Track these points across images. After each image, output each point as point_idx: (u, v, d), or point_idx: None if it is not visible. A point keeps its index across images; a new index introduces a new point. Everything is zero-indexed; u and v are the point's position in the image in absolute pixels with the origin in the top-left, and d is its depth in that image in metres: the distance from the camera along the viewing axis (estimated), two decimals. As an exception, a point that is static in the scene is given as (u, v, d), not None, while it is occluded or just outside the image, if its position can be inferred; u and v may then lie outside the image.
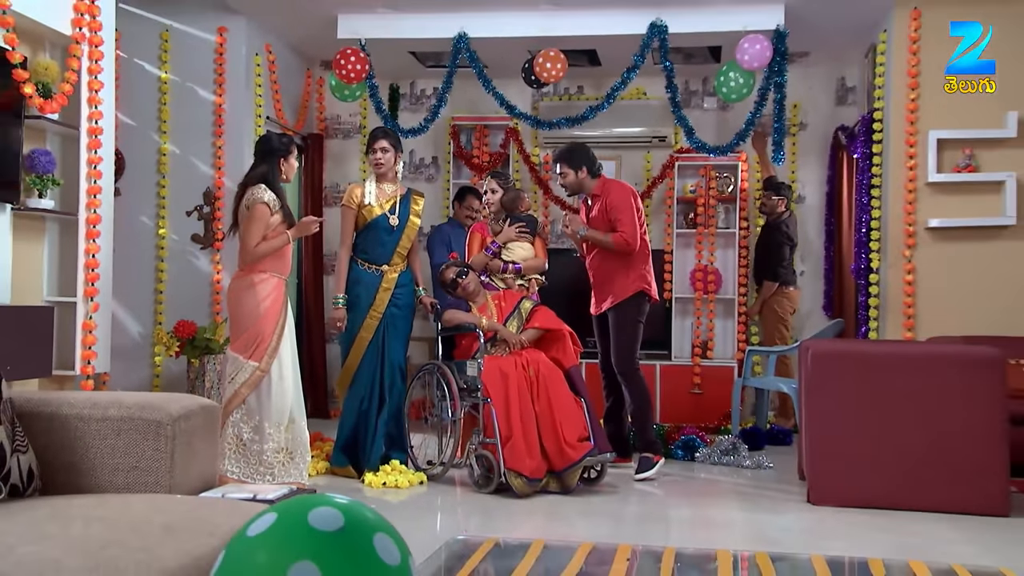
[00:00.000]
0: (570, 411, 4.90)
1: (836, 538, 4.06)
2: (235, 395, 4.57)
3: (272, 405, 4.58)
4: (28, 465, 2.02)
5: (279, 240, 4.68)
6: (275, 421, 4.59)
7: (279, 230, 4.68)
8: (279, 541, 1.13)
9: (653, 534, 4.21)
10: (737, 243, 7.65)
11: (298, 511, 1.16)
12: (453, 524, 4.36)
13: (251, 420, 4.57)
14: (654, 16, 6.42)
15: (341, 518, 1.15)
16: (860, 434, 4.57)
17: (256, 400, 4.58)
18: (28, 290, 5.13)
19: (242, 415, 4.58)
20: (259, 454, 4.55)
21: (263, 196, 4.63)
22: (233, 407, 4.57)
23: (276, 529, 1.15)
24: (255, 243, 4.61)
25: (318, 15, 6.84)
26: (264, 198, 4.62)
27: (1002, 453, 4.45)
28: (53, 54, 5.14)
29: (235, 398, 4.57)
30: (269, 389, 4.59)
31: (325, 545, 1.12)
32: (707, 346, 7.60)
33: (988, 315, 6.23)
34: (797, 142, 7.75)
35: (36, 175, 4.98)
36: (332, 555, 1.11)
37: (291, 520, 1.15)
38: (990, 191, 6.34)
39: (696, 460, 5.85)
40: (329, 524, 1.14)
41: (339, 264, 5.26)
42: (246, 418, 4.58)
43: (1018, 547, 3.93)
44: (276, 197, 4.68)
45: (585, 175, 5.48)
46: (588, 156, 5.53)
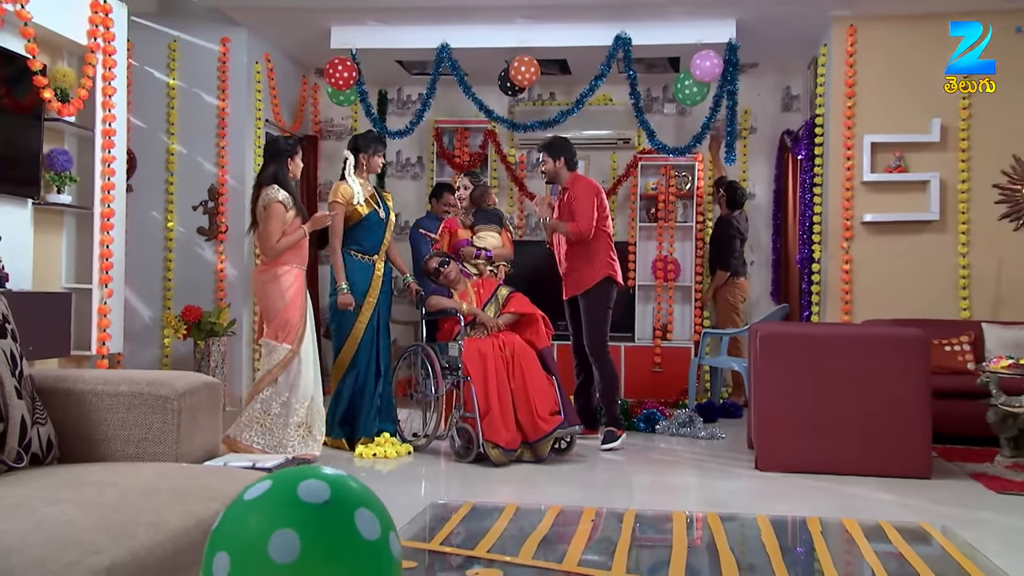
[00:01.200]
0: (542, 388, 4.92)
1: (780, 500, 4.09)
2: (268, 374, 4.56)
3: (300, 383, 4.59)
4: (47, 436, 2.02)
5: (297, 235, 4.66)
6: (300, 398, 4.59)
7: (295, 225, 4.66)
8: (268, 508, 1.13)
9: (617, 498, 4.22)
10: (694, 236, 7.70)
11: (290, 482, 1.16)
12: (436, 490, 4.37)
13: (280, 397, 4.56)
14: (619, 29, 6.43)
15: (328, 492, 1.15)
16: (803, 407, 4.61)
17: (286, 379, 4.57)
18: (48, 278, 5.13)
19: (272, 392, 4.55)
20: (283, 427, 4.54)
21: (278, 195, 4.60)
22: (264, 385, 4.56)
23: (267, 497, 1.15)
24: (276, 239, 4.57)
25: (313, 27, 6.83)
26: (279, 197, 4.59)
27: (926, 423, 4.52)
28: (70, 62, 5.12)
29: (267, 377, 4.55)
30: (298, 369, 4.59)
31: (309, 515, 1.11)
32: (667, 329, 7.64)
33: (915, 300, 6.30)
34: (747, 144, 7.78)
35: (55, 173, 4.97)
36: (313, 525, 1.11)
37: (282, 489, 1.15)
38: (917, 189, 6.41)
39: (656, 432, 5.86)
40: (316, 497, 1.13)
41: (336, 256, 5.17)
42: (275, 395, 4.56)
43: (938, 505, 3.99)
44: (289, 195, 4.67)
45: (562, 165, 5.46)
46: (567, 149, 5.51)
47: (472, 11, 6.43)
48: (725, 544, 2.12)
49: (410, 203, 8.14)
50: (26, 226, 4.84)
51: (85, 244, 5.25)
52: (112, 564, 1.38)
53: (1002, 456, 4.89)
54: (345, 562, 1.11)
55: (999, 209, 6.35)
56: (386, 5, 6.40)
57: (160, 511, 1.61)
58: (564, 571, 1.74)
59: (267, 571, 1.07)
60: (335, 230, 5.13)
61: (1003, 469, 4.74)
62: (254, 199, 4.71)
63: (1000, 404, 4.83)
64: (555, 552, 1.86)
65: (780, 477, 4.52)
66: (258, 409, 4.55)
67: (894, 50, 6.45)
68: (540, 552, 1.85)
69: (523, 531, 2.02)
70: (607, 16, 6.40)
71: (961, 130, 6.36)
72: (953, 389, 5.26)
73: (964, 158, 6.36)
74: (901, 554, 2.17)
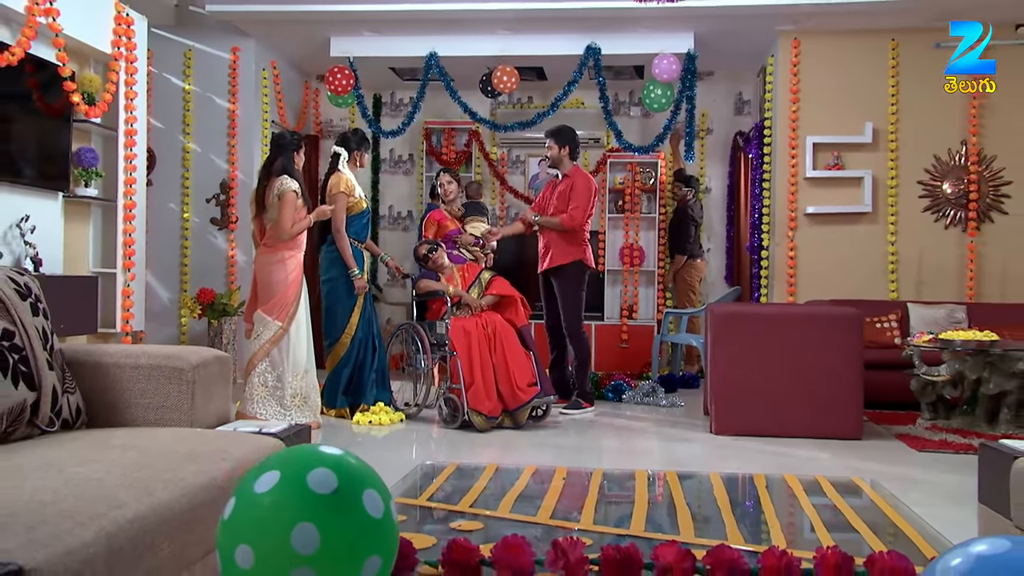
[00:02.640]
0: (521, 362, 4.94)
1: (731, 459, 4.12)
2: (260, 349, 4.53)
3: (291, 358, 4.56)
4: (76, 404, 2.02)
5: (305, 223, 4.62)
6: (292, 371, 4.56)
7: (302, 213, 4.63)
8: (284, 502, 1.11)
9: (586, 459, 4.22)
10: (656, 225, 7.72)
11: (299, 472, 1.13)
12: (425, 452, 4.38)
13: (275, 370, 4.54)
14: (590, 40, 6.44)
15: (335, 480, 1.13)
16: (752, 378, 4.64)
17: (279, 354, 4.54)
18: (77, 263, 5.12)
19: (267, 366, 4.53)
20: (280, 399, 4.53)
21: (292, 185, 4.55)
22: (258, 359, 4.52)
23: (280, 489, 1.13)
24: (290, 225, 4.53)
25: (314, 37, 6.80)
26: (293, 187, 4.54)
27: (858, 391, 4.58)
28: (96, 69, 5.10)
29: (260, 352, 4.53)
30: (288, 345, 4.55)
31: (323, 507, 1.11)
32: (632, 309, 7.67)
33: (850, 283, 6.37)
34: (704, 144, 7.81)
35: (82, 168, 4.95)
36: (329, 515, 1.10)
37: (293, 481, 1.12)
38: (852, 185, 6.47)
39: (623, 401, 5.89)
40: (326, 487, 1.12)
41: (346, 244, 5.07)
42: (270, 369, 4.53)
43: (867, 462, 4.05)
44: (299, 185, 4.64)
45: (566, 153, 5.41)
46: (573, 139, 5.44)
47: (457, 23, 6.41)
48: (682, 499, 2.15)
49: (402, 196, 8.14)
50: (57, 216, 4.84)
51: (110, 233, 5.25)
52: (134, 516, 1.39)
53: (922, 419, 4.98)
54: (359, 543, 1.12)
55: (922, 203, 6.42)
56: (380, 18, 6.37)
57: (176, 470, 1.62)
58: (538, 523, 1.76)
59: (293, 562, 1.07)
60: (341, 219, 5.08)
61: (923, 430, 4.83)
62: (264, 187, 4.63)
63: (921, 374, 4.91)
64: (530, 507, 1.88)
65: (732, 440, 4.56)
66: (256, 383, 4.52)
67: (832, 61, 6.48)
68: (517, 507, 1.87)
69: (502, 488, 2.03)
70: (579, 28, 6.39)
71: (890, 133, 6.41)
72: (882, 361, 5.33)
73: (893, 157, 6.42)
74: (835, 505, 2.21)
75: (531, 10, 6.14)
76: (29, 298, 1.95)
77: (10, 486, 1.40)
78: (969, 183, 6.32)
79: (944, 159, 6.38)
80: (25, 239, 4.52)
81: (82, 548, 1.23)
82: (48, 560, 1.16)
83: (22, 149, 4.55)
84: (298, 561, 1.07)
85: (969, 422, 4.82)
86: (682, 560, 1.31)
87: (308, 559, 1.07)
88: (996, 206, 6.34)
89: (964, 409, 4.89)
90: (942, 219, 6.39)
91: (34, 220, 4.57)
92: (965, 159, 6.35)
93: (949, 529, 2.37)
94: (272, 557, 1.08)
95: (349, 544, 1.10)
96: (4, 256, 4.39)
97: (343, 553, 1.09)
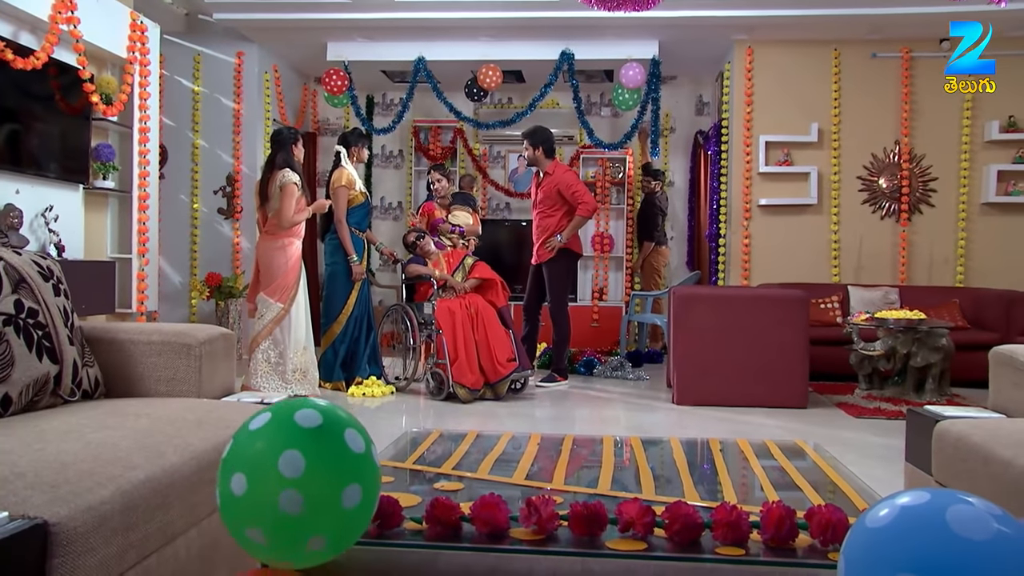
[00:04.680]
0: (501, 339, 4.95)
1: (690, 427, 4.16)
2: (264, 329, 4.50)
3: (292, 336, 4.54)
4: (95, 376, 2.01)
5: (304, 214, 4.59)
6: (294, 348, 4.54)
7: (302, 204, 4.60)
8: (273, 434, 1.13)
9: (560, 427, 4.26)
10: (625, 216, 7.74)
11: (287, 411, 1.16)
12: (413, 421, 4.38)
13: (277, 348, 4.51)
14: (564, 46, 6.43)
15: (320, 417, 1.15)
16: (710, 353, 4.67)
17: (281, 333, 4.52)
18: (96, 249, 5.09)
19: (270, 344, 4.50)
20: (283, 374, 4.50)
21: (293, 178, 4.51)
22: (263, 338, 4.50)
23: (271, 425, 1.15)
24: (291, 214, 4.50)
25: (312, 43, 6.74)
26: (295, 179, 4.50)
27: (804, 364, 4.63)
28: (113, 72, 5.06)
29: (264, 332, 4.50)
30: (289, 324, 4.53)
31: (308, 437, 1.12)
32: (603, 292, 7.70)
33: (798, 268, 6.43)
34: (668, 142, 7.82)
35: (101, 163, 4.92)
36: (313, 445, 1.12)
37: (282, 418, 1.15)
38: (800, 179, 6.52)
39: (594, 375, 5.92)
40: (311, 422, 1.14)
41: (346, 234, 5.02)
42: (273, 346, 4.51)
43: (811, 427, 4.11)
44: (299, 178, 4.59)
45: (541, 153, 5.29)
46: (546, 138, 5.31)
47: (443, 30, 6.37)
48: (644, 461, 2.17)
49: (393, 188, 8.10)
50: (78, 206, 4.82)
51: (126, 221, 5.22)
52: (147, 477, 1.40)
53: (859, 389, 5.06)
54: (340, 472, 1.13)
55: (861, 196, 6.49)
56: (373, 25, 6.32)
57: (185, 436, 1.62)
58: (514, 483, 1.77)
59: (280, 484, 1.09)
60: (343, 210, 5.04)
61: (860, 399, 4.90)
62: (267, 180, 4.59)
63: (859, 349, 4.98)
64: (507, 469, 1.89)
65: (691, 409, 4.60)
66: (260, 360, 4.50)
67: (782, 68, 6.51)
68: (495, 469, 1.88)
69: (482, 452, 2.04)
70: (554, 35, 6.38)
71: (833, 133, 6.46)
72: (825, 338, 5.39)
73: (835, 155, 6.47)
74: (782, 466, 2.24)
75: (510, 19, 6.11)
76: (51, 280, 1.94)
77: (35, 449, 1.40)
78: (902, 179, 6.39)
79: (880, 157, 6.44)
80: (49, 227, 4.53)
81: (100, 505, 1.24)
82: (70, 515, 1.17)
83: (46, 145, 4.52)
84: (285, 484, 1.08)
85: (899, 391, 4.90)
86: (643, 515, 1.33)
87: (294, 482, 1.08)
88: (924, 199, 6.42)
89: (895, 380, 4.96)
90: (878, 211, 6.46)
91: (57, 210, 4.58)
92: (898, 157, 6.41)
93: (880, 485, 2.41)
94: (261, 481, 1.10)
95: (331, 471, 1.12)
96: (31, 242, 4.37)
97: (325, 479, 1.11)
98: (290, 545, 1.11)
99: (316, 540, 1.11)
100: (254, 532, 1.11)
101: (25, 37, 4.32)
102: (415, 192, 7.98)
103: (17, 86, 4.21)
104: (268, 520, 1.09)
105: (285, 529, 1.09)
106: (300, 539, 1.10)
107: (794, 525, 1.32)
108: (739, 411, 4.51)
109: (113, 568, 1.26)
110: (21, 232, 4.29)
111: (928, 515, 0.89)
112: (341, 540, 1.16)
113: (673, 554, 1.30)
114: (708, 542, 1.33)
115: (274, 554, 1.13)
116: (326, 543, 1.12)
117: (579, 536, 1.34)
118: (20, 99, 4.30)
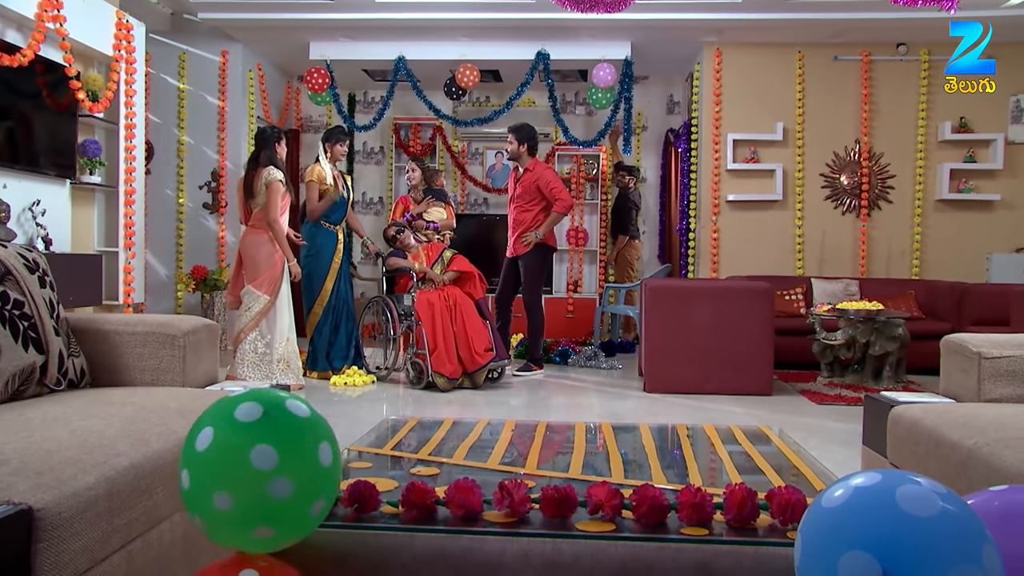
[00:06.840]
0: (478, 330, 4.94)
1: (660, 413, 4.17)
2: (252, 320, 4.45)
3: (277, 326, 4.51)
4: (80, 366, 1.99)
5: (285, 217, 4.57)
6: (278, 339, 4.51)
7: (287, 201, 4.57)
8: (234, 399, 1.15)
9: (535, 414, 4.25)
10: (599, 210, 7.76)
11: (227, 411, 1.13)
12: (393, 409, 4.36)
13: (264, 338, 4.47)
14: (540, 47, 6.42)
15: (259, 408, 1.13)
16: (680, 342, 4.68)
17: (266, 324, 4.49)
18: (83, 242, 5.02)
19: (257, 335, 4.46)
20: (268, 363, 4.47)
21: (278, 175, 4.47)
22: (250, 329, 4.45)
23: (233, 398, 1.17)
24: (277, 209, 4.46)
25: (295, 42, 6.66)
26: (279, 177, 4.47)
27: (769, 353, 4.67)
28: (99, 69, 4.99)
29: (251, 323, 4.45)
30: (275, 315, 4.50)
31: (263, 396, 1.15)
32: (577, 284, 7.72)
33: (764, 261, 6.50)
34: (640, 139, 7.85)
35: (87, 158, 4.85)
36: (266, 403, 1.14)
37: (220, 416, 1.13)
38: (766, 176, 6.57)
39: (568, 364, 5.92)
40: (251, 415, 1.12)
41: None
42: (259, 337, 4.47)
43: (775, 413, 4.15)
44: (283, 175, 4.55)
45: (524, 148, 5.23)
46: (531, 135, 5.25)
47: (423, 30, 6.33)
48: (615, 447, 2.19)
49: (374, 184, 8.05)
50: (65, 201, 4.75)
51: (112, 216, 5.17)
52: (131, 464, 1.39)
53: (822, 377, 5.12)
54: (292, 422, 1.14)
55: (824, 192, 6.57)
56: (354, 25, 6.27)
57: (169, 424, 1.61)
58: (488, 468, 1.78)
59: (237, 430, 1.10)
60: (313, 200, 5.04)
61: (822, 387, 4.96)
62: (251, 176, 4.54)
63: (821, 339, 5.04)
64: (482, 454, 1.89)
65: (661, 397, 4.62)
66: (247, 350, 4.47)
67: (750, 69, 6.55)
68: (470, 454, 1.88)
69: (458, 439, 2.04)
70: (530, 36, 6.37)
71: (797, 132, 6.52)
72: (789, 328, 5.45)
73: (800, 153, 6.53)
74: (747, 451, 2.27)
75: (488, 19, 6.09)
76: (37, 272, 1.91)
77: (21, 437, 1.38)
78: (861, 176, 6.48)
79: (842, 155, 6.52)
80: (37, 221, 4.46)
81: (85, 491, 1.23)
82: (55, 501, 1.16)
83: (33, 141, 4.46)
84: (241, 429, 1.10)
85: (859, 379, 4.97)
86: (612, 498, 1.34)
87: (250, 425, 1.10)
88: (883, 196, 6.51)
89: (855, 368, 5.03)
90: (840, 206, 6.54)
91: (45, 204, 4.52)
92: (859, 156, 6.49)
93: (839, 468, 2.45)
94: (223, 429, 1.11)
95: (283, 419, 1.13)
96: (18, 236, 4.30)
97: (279, 423, 1.12)
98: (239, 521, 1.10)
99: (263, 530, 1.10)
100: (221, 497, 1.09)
101: (12, 35, 4.25)
102: (395, 188, 7.94)
103: (4, 83, 4.15)
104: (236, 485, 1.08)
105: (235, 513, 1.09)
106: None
107: (755, 506, 1.34)
108: (707, 398, 4.54)
109: (98, 552, 1.25)
110: (8, 226, 4.23)
111: (879, 494, 0.91)
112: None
113: (640, 534, 1.31)
114: (674, 523, 1.35)
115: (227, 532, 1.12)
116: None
117: (550, 518, 1.35)
118: (7, 96, 4.23)
